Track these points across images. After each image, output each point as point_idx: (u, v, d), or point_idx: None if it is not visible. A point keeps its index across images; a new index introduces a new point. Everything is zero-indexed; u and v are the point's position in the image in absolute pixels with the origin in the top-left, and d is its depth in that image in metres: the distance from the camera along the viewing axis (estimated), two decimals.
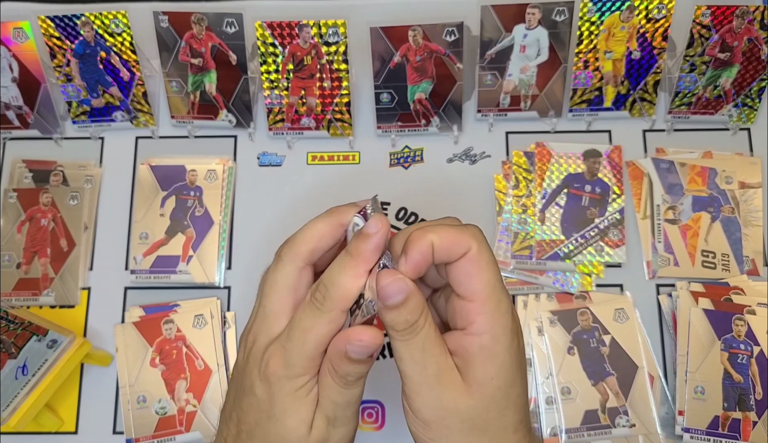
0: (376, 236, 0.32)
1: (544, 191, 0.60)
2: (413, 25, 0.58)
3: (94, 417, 0.58)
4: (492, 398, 0.33)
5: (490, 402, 0.33)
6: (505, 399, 0.33)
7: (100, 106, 0.64)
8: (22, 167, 0.64)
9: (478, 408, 0.33)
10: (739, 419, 0.53)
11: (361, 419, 0.57)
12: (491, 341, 0.32)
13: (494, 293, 0.32)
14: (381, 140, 0.64)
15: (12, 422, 0.52)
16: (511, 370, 0.33)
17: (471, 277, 0.32)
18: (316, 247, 0.34)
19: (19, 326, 0.54)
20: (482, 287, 0.32)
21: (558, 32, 0.59)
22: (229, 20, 0.59)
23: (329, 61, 0.60)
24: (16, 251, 0.61)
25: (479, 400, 0.33)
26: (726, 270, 0.58)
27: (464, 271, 0.32)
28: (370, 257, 0.32)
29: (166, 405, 0.56)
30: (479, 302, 0.32)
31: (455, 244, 0.32)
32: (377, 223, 0.32)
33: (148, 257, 0.60)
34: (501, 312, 0.32)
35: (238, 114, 0.63)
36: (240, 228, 0.62)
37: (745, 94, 0.61)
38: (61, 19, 0.60)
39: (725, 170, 0.61)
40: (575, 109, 0.63)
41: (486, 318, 0.32)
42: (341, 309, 0.32)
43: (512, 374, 0.33)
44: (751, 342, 0.54)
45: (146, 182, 0.62)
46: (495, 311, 0.32)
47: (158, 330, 0.58)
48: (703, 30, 0.59)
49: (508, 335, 0.33)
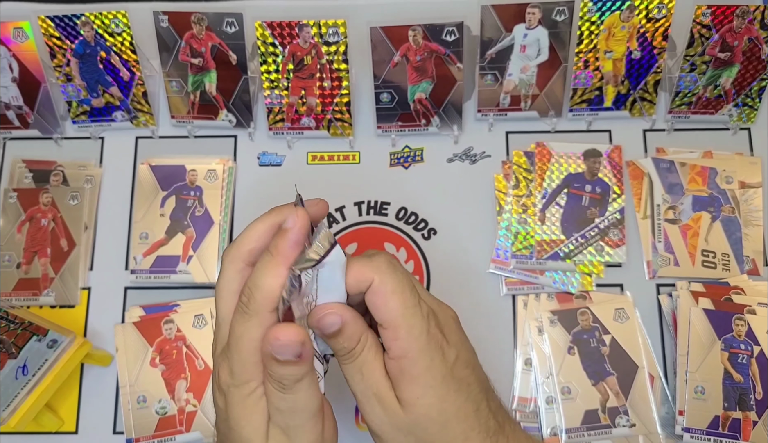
0: (292, 231, 0.32)
1: (545, 190, 0.60)
2: (413, 25, 0.58)
3: (94, 417, 0.58)
4: (426, 415, 0.34)
5: (426, 419, 0.34)
6: (441, 414, 0.34)
7: (100, 106, 0.64)
8: (22, 167, 0.64)
9: (417, 424, 0.34)
10: (740, 419, 0.53)
11: (361, 419, 0.57)
12: (409, 364, 0.34)
13: (403, 320, 0.34)
14: (381, 139, 0.64)
15: (12, 422, 0.52)
16: (438, 387, 0.34)
17: (377, 308, 0.34)
18: (254, 247, 0.35)
19: (19, 326, 0.54)
20: (390, 316, 0.34)
21: (558, 32, 0.59)
22: (229, 20, 0.59)
23: (329, 61, 0.60)
24: (16, 251, 0.61)
25: (414, 418, 0.34)
26: (726, 270, 0.58)
27: (371, 302, 0.34)
28: (289, 253, 0.32)
29: (166, 405, 0.56)
30: (391, 329, 0.34)
31: (359, 277, 0.34)
32: (293, 218, 0.33)
33: (148, 257, 0.60)
34: (413, 337, 0.34)
35: (238, 114, 0.63)
36: (240, 228, 0.62)
37: (745, 93, 0.61)
38: (61, 19, 0.60)
39: (725, 170, 0.61)
40: (575, 109, 0.63)
41: (400, 344, 0.34)
42: (267, 310, 0.32)
43: (442, 390, 0.34)
44: (752, 341, 0.54)
45: (146, 182, 0.62)
46: (407, 337, 0.34)
47: (158, 330, 0.58)
48: (704, 30, 0.59)
49: (426, 356, 0.34)
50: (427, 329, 0.34)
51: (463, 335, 0.37)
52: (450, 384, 0.34)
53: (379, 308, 0.34)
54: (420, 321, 0.34)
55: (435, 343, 0.34)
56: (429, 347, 0.34)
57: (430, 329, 0.34)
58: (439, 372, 0.34)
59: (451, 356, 0.35)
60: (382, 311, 0.34)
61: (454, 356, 0.35)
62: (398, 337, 0.34)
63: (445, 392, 0.34)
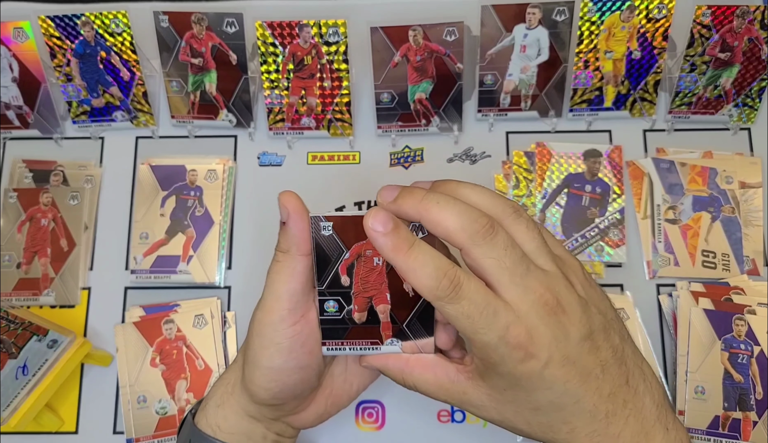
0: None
1: (545, 190, 0.60)
2: (413, 25, 0.58)
3: (95, 417, 0.58)
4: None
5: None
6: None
7: (100, 106, 0.64)
8: (22, 167, 0.64)
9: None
10: (740, 419, 0.53)
11: (361, 419, 0.57)
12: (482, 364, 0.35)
13: (474, 336, 0.34)
14: (381, 139, 0.64)
15: (12, 422, 0.52)
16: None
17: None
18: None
19: (20, 326, 0.54)
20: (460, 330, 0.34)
21: (558, 32, 0.59)
22: (229, 20, 0.59)
23: (329, 61, 0.60)
24: (16, 251, 0.61)
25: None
26: (726, 270, 0.58)
27: None
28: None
29: (166, 405, 0.56)
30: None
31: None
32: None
33: (148, 257, 0.60)
34: (483, 352, 0.34)
35: (238, 114, 0.63)
36: (240, 228, 0.62)
37: (745, 94, 0.61)
38: (61, 19, 0.60)
39: (725, 170, 0.61)
40: (575, 109, 0.63)
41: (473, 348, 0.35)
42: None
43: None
44: (752, 341, 0.54)
45: (146, 182, 0.62)
46: (477, 349, 0.34)
47: (158, 330, 0.58)
48: (704, 30, 0.59)
49: (505, 362, 0.34)
50: (505, 343, 0.32)
51: (574, 319, 0.33)
52: (534, 385, 0.33)
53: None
54: (494, 338, 0.32)
55: (516, 350, 0.32)
56: (508, 357, 0.32)
57: (509, 341, 0.32)
58: (523, 375, 0.32)
59: (539, 360, 0.32)
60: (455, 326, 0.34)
61: (544, 359, 0.32)
62: (474, 348, 0.34)
63: (528, 392, 0.33)
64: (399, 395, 0.57)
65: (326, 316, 0.38)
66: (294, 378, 0.38)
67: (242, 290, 0.60)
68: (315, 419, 0.43)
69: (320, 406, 0.42)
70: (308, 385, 0.40)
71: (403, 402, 0.57)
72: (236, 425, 0.41)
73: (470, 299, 0.32)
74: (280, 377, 0.38)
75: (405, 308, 0.37)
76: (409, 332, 0.38)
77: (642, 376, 0.35)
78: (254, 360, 0.38)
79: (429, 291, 0.32)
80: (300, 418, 0.42)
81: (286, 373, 0.38)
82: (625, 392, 0.34)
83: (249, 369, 0.39)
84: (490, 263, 0.32)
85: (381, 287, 0.37)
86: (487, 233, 0.32)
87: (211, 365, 0.57)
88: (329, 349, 0.38)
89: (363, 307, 0.37)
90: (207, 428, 0.40)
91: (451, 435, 0.56)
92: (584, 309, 0.33)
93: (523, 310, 0.32)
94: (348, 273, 0.37)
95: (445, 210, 0.32)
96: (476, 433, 0.56)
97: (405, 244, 0.32)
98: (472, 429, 0.56)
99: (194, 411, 0.42)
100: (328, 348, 0.38)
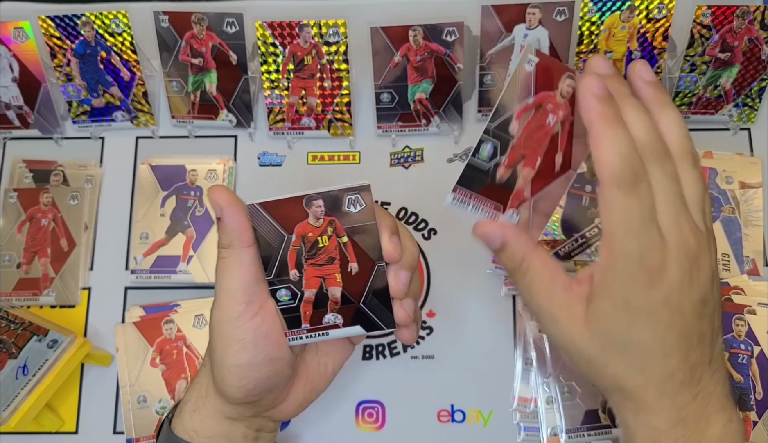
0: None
1: None
2: (413, 25, 0.58)
3: (95, 417, 0.58)
4: (605, 336, 0.34)
5: (604, 340, 0.35)
6: (621, 343, 0.34)
7: (101, 106, 0.64)
8: (23, 167, 0.64)
9: (595, 342, 0.35)
10: None
11: (361, 419, 0.57)
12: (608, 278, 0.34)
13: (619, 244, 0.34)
14: (381, 139, 0.64)
15: (12, 422, 0.52)
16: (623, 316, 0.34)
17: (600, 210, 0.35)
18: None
19: (20, 326, 0.54)
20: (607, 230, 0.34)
21: (558, 32, 0.59)
22: (229, 20, 0.59)
23: (329, 61, 0.60)
24: (17, 251, 0.61)
25: (592, 335, 0.34)
26: (726, 270, 0.58)
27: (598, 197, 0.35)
28: None
29: (166, 405, 0.56)
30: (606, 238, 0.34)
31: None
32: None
33: (148, 257, 0.60)
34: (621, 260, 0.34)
35: (238, 114, 0.63)
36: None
37: (745, 94, 0.61)
38: (61, 19, 0.60)
39: (725, 170, 0.61)
40: None
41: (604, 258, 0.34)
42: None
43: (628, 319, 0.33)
44: (752, 341, 0.54)
45: (146, 182, 0.62)
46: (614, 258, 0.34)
47: (159, 330, 0.58)
48: (704, 30, 0.59)
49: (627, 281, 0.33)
50: (640, 260, 0.32)
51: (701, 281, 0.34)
52: (640, 316, 0.33)
53: (600, 213, 0.34)
54: (636, 249, 0.32)
55: (646, 273, 0.33)
56: (634, 275, 0.33)
57: (645, 260, 0.32)
58: (637, 300, 0.33)
59: (659, 293, 0.33)
60: (602, 218, 0.33)
61: (663, 295, 0.33)
62: (607, 250, 0.33)
63: (632, 321, 0.33)
64: (399, 395, 0.57)
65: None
66: (265, 371, 0.38)
67: None
68: (296, 408, 0.42)
69: (299, 395, 0.42)
70: (282, 377, 0.39)
71: (403, 402, 0.57)
72: (214, 428, 0.40)
73: (641, 199, 0.32)
74: (250, 373, 0.37)
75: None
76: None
77: (722, 365, 0.36)
78: (221, 360, 0.37)
79: (610, 171, 0.33)
80: (280, 410, 0.42)
81: (256, 368, 0.37)
82: (703, 371, 0.34)
83: (217, 370, 0.38)
84: (657, 182, 0.33)
85: (538, 150, 0.36)
86: (660, 155, 0.33)
87: None
88: (293, 339, 0.38)
89: (513, 162, 0.36)
90: (184, 434, 0.40)
91: (451, 435, 0.56)
92: (712, 279, 0.34)
93: (669, 242, 0.33)
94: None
95: (634, 120, 0.33)
96: (476, 433, 0.56)
97: (614, 116, 0.33)
98: (472, 429, 0.56)
99: (170, 417, 0.42)
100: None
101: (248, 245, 0.36)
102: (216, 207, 0.36)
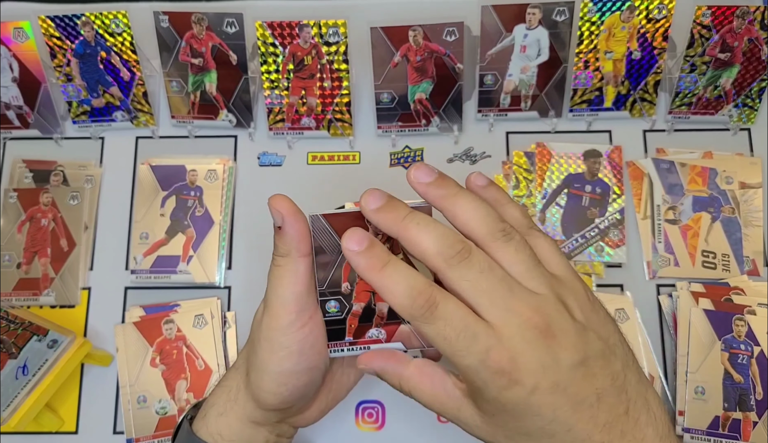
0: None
1: (545, 191, 0.60)
2: (413, 25, 0.58)
3: (95, 417, 0.58)
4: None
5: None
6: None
7: (101, 106, 0.64)
8: (23, 167, 0.64)
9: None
10: (740, 419, 0.53)
11: (361, 419, 0.57)
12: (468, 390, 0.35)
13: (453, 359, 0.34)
14: (381, 140, 0.64)
15: (12, 422, 0.52)
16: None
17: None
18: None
19: (20, 326, 0.54)
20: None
21: (558, 32, 0.59)
22: (229, 20, 0.59)
23: (329, 61, 0.60)
24: (17, 251, 0.61)
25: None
26: (726, 270, 0.58)
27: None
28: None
29: (166, 405, 0.56)
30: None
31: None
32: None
33: (148, 257, 0.60)
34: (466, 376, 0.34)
35: (238, 114, 0.63)
36: (240, 228, 0.62)
37: (745, 94, 0.61)
38: (61, 19, 0.60)
39: (725, 170, 0.61)
40: (575, 110, 0.63)
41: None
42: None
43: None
44: (752, 342, 0.54)
45: (146, 182, 0.62)
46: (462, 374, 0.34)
47: (158, 330, 0.58)
48: (704, 30, 0.59)
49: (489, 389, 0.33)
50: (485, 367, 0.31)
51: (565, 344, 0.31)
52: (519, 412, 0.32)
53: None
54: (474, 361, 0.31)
55: (498, 375, 0.31)
56: (490, 382, 0.31)
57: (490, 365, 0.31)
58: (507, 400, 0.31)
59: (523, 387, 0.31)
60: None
61: (529, 386, 0.31)
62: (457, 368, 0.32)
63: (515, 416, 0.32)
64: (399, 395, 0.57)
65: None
66: (303, 379, 0.38)
67: (242, 290, 0.60)
68: (317, 415, 0.43)
69: (322, 403, 0.43)
70: (315, 386, 0.40)
71: (403, 402, 0.57)
72: (239, 432, 0.40)
73: (446, 320, 0.31)
74: (289, 380, 0.38)
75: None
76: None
77: (646, 406, 0.33)
78: (263, 366, 0.37)
79: (403, 310, 0.32)
80: (304, 417, 0.42)
81: (295, 376, 0.38)
82: (624, 422, 0.32)
83: (256, 374, 0.38)
84: (466, 286, 0.31)
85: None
86: (462, 257, 0.32)
87: (211, 365, 0.57)
88: (334, 351, 0.38)
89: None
90: (208, 437, 0.40)
91: (451, 435, 0.56)
92: (580, 334, 0.32)
93: (506, 334, 0.31)
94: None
95: (422, 233, 0.32)
96: None
97: (379, 263, 0.33)
98: None
99: (190, 417, 0.42)
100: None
101: (305, 255, 0.36)
102: (276, 215, 0.35)
